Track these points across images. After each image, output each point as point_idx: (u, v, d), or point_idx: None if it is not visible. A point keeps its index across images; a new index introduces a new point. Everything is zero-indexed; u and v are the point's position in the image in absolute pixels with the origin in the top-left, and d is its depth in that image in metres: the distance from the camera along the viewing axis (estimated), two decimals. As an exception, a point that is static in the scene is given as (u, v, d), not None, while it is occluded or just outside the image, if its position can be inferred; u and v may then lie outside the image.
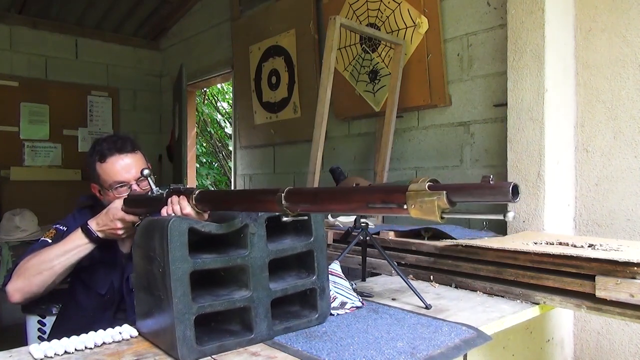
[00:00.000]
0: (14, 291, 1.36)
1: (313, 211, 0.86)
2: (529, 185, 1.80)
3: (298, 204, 0.83)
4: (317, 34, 3.03)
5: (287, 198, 0.83)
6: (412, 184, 0.67)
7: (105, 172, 1.46)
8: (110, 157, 1.46)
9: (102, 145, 1.49)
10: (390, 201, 0.70)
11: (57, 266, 1.35)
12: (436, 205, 0.64)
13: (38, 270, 1.35)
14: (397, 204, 0.69)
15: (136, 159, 1.49)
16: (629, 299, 1.11)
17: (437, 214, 0.65)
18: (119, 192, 1.45)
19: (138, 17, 4.55)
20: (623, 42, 1.82)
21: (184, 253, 0.92)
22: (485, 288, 1.41)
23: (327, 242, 1.95)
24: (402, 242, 1.67)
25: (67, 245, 1.36)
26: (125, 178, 1.45)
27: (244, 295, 0.99)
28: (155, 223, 0.98)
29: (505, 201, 0.62)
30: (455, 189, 0.65)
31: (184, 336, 0.90)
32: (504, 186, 0.61)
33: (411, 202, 0.67)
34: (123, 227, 1.34)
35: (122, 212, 1.33)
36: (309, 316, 1.11)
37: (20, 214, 3.55)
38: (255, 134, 3.63)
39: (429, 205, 0.65)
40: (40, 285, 1.36)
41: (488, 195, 0.63)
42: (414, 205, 0.67)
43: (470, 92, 2.25)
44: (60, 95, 4.40)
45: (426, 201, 0.66)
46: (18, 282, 1.36)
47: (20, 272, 1.37)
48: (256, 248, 1.01)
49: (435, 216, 0.65)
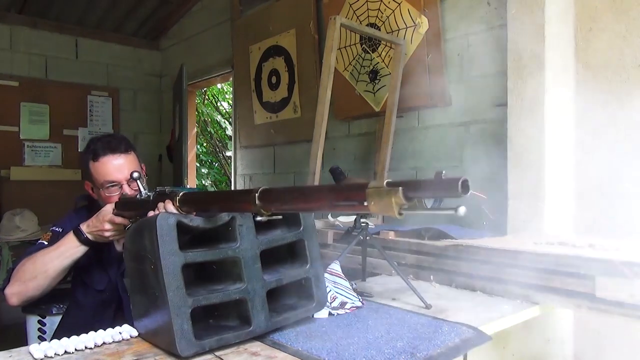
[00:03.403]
0: (11, 295, 1.38)
1: (285, 210, 0.88)
2: (529, 186, 1.80)
3: (271, 203, 0.84)
4: (317, 34, 3.03)
5: (260, 198, 0.84)
6: (372, 182, 0.69)
7: (97, 171, 1.49)
8: (103, 157, 1.49)
9: (97, 144, 1.52)
10: (351, 199, 0.72)
11: (51, 270, 1.36)
12: (393, 202, 0.66)
13: (32, 274, 1.36)
14: (358, 201, 0.71)
15: (129, 160, 1.51)
16: (629, 299, 1.11)
17: (394, 209, 0.66)
18: (110, 191, 1.47)
19: (138, 17, 4.56)
20: (623, 42, 1.81)
21: (174, 247, 0.93)
22: (485, 288, 1.41)
23: (327, 242, 1.95)
24: (402, 242, 1.67)
25: (59, 248, 1.37)
26: (116, 178, 1.47)
27: (239, 287, 1.00)
28: (144, 222, 1.00)
29: (455, 195, 0.63)
30: (411, 185, 0.67)
31: (181, 330, 0.90)
32: (453, 181, 0.63)
33: (370, 199, 0.69)
34: (111, 229, 1.34)
35: (111, 214, 1.33)
36: (306, 306, 1.11)
37: (20, 214, 3.56)
38: (255, 134, 3.62)
39: (386, 202, 0.67)
40: (36, 289, 1.37)
41: (441, 190, 0.65)
42: (373, 202, 0.69)
43: (470, 92, 2.25)
44: (60, 95, 4.40)
45: (384, 198, 0.67)
46: (15, 286, 1.37)
47: (17, 276, 1.38)
48: (246, 240, 1.02)
49: (393, 212, 0.67)
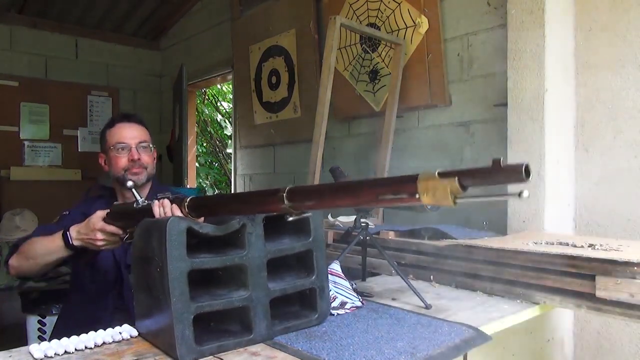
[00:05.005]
0: (11, 266, 1.48)
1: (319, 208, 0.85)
2: (529, 185, 1.80)
3: (302, 202, 0.82)
4: (317, 34, 3.03)
5: (289, 198, 0.82)
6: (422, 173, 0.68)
7: (111, 134, 1.63)
8: (118, 123, 1.64)
9: (115, 117, 1.70)
10: (401, 191, 0.70)
11: (40, 260, 1.41)
12: (448, 191, 0.65)
13: (27, 257, 1.44)
14: (409, 194, 0.69)
15: (140, 129, 1.65)
16: (629, 299, 1.11)
17: (450, 199, 0.65)
18: (118, 152, 1.59)
19: (138, 17, 4.55)
20: (623, 42, 1.82)
21: (182, 252, 0.92)
22: (485, 288, 1.41)
23: (327, 242, 1.95)
24: (402, 242, 1.67)
25: (51, 243, 1.39)
26: (126, 140, 1.60)
27: (243, 295, 0.99)
28: (154, 224, 0.99)
29: (518, 182, 0.62)
30: (467, 174, 0.65)
31: (182, 336, 0.90)
32: (516, 167, 0.62)
33: (422, 190, 0.68)
34: (103, 238, 1.30)
35: (102, 222, 1.28)
36: (309, 316, 1.10)
37: (20, 214, 3.55)
38: (255, 134, 3.63)
39: (442, 192, 0.66)
40: (29, 270, 1.46)
41: (500, 178, 0.64)
42: (425, 193, 0.67)
43: (470, 92, 2.25)
44: (60, 95, 4.39)
45: (438, 188, 0.66)
46: (14, 259, 1.47)
47: (19, 251, 1.47)
48: (254, 247, 1.01)
49: (448, 201, 0.66)
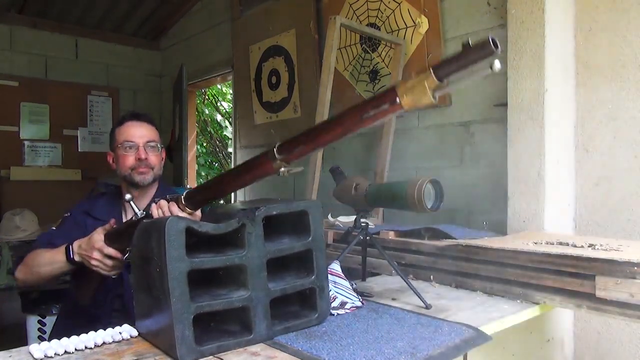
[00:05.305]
0: (17, 278, 1.51)
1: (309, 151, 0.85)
2: (529, 185, 1.80)
3: (293, 150, 0.82)
4: (317, 34, 3.03)
5: (279, 151, 0.83)
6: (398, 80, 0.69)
7: (120, 132, 1.62)
8: (127, 122, 1.64)
9: (125, 115, 1.68)
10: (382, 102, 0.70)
11: (43, 272, 1.43)
12: (426, 86, 0.65)
13: (31, 270, 1.46)
14: (390, 102, 0.69)
15: (149, 129, 1.64)
16: (629, 299, 1.11)
17: (429, 94, 0.65)
18: (126, 150, 1.58)
19: (138, 17, 4.55)
20: (623, 42, 1.82)
21: (181, 252, 0.92)
22: (485, 288, 1.41)
23: (327, 242, 1.95)
24: (402, 242, 1.67)
25: (54, 256, 1.40)
26: (134, 138, 1.59)
27: (243, 295, 0.99)
28: (152, 224, 0.99)
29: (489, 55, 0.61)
30: (440, 63, 0.65)
31: (182, 336, 0.90)
32: (484, 41, 0.61)
33: (402, 92, 0.67)
34: (99, 259, 1.27)
35: (102, 242, 1.27)
36: (309, 316, 1.10)
37: (20, 214, 3.55)
38: (255, 134, 3.63)
39: (420, 89, 0.66)
40: (34, 281, 1.49)
41: (472, 56, 0.63)
42: (405, 95, 0.67)
43: (470, 92, 2.25)
44: (60, 95, 4.39)
45: (416, 85, 0.66)
46: (20, 272, 1.51)
47: (24, 263, 1.49)
48: (254, 247, 1.01)
49: (428, 98, 0.65)
